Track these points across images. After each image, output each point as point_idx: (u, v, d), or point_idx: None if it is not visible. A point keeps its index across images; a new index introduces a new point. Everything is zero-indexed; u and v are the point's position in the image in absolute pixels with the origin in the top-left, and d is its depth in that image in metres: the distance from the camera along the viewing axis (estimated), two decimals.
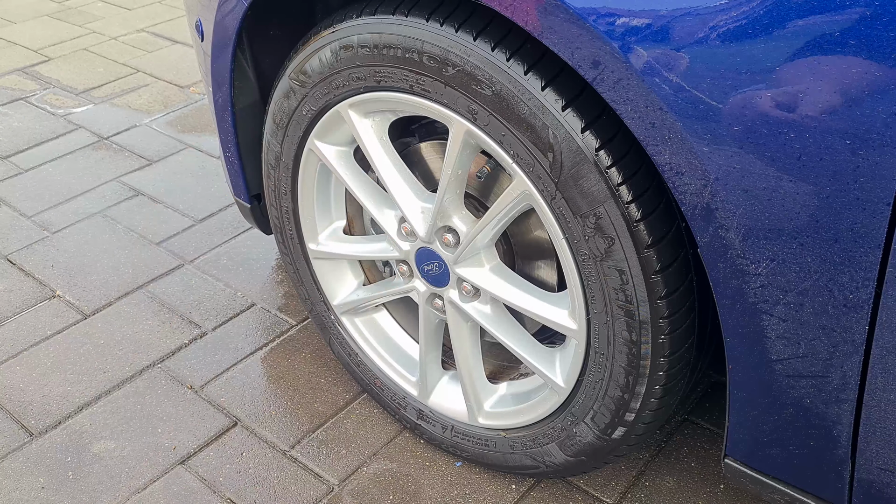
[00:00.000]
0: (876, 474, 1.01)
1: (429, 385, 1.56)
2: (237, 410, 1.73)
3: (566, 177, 1.09)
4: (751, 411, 1.09)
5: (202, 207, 2.41)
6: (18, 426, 1.71)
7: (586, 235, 1.11)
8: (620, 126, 1.04)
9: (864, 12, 0.77)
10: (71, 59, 3.41)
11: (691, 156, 0.92)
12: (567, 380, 1.30)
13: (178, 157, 2.67)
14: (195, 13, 1.57)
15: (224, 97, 1.56)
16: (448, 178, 1.25)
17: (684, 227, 1.08)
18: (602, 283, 1.14)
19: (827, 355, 0.96)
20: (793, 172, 0.86)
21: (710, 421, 1.66)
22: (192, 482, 1.57)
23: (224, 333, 1.94)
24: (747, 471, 1.16)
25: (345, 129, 1.38)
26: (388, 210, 1.43)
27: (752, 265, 0.95)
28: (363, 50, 1.23)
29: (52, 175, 2.59)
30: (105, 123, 2.88)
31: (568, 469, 1.42)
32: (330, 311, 1.67)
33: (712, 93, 0.87)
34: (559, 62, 1.04)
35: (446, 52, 1.13)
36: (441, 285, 1.41)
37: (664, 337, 1.14)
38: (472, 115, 1.15)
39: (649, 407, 1.23)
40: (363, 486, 1.56)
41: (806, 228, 0.89)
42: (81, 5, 3.97)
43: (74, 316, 2.00)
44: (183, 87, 3.14)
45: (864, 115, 0.79)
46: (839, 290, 0.90)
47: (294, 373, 1.83)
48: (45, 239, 2.29)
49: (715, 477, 1.55)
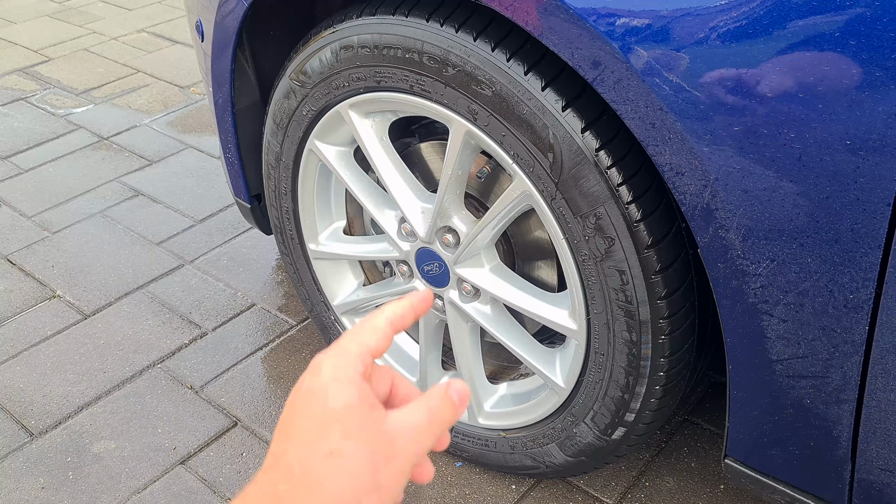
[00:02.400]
0: (876, 474, 1.01)
1: (429, 385, 1.56)
2: (237, 410, 1.73)
3: (566, 177, 1.09)
4: (751, 412, 1.09)
5: (202, 207, 2.41)
6: (18, 426, 1.70)
7: (586, 236, 1.11)
8: (620, 126, 1.04)
9: (864, 12, 0.77)
10: (71, 59, 3.41)
11: (691, 156, 0.92)
12: (567, 380, 1.30)
13: (179, 158, 2.67)
14: (195, 13, 1.57)
15: (224, 97, 1.56)
16: (448, 178, 1.25)
17: (684, 227, 1.08)
18: (602, 284, 1.14)
19: (827, 356, 0.96)
20: (793, 173, 0.86)
21: (710, 421, 1.66)
22: (192, 482, 1.57)
23: (224, 333, 1.94)
24: (747, 471, 1.15)
25: (345, 129, 1.38)
26: (388, 210, 1.43)
27: (752, 265, 0.95)
28: (363, 50, 1.23)
29: (52, 175, 2.59)
30: (105, 123, 2.88)
31: (568, 469, 1.42)
32: (330, 311, 1.67)
33: (712, 93, 0.87)
34: (559, 62, 1.04)
35: (446, 52, 1.13)
36: (441, 286, 1.41)
37: (664, 337, 1.14)
38: (473, 116, 1.15)
39: (649, 407, 1.23)
40: None
41: (806, 229, 0.89)
42: (81, 5, 3.97)
43: (74, 316, 2.00)
44: (183, 87, 3.14)
45: (864, 115, 0.79)
46: (839, 291, 0.90)
47: (294, 373, 1.83)
48: (45, 239, 2.29)
49: (715, 477, 1.55)
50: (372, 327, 0.55)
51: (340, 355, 0.52)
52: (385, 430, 0.50)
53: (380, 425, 0.50)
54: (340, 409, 0.49)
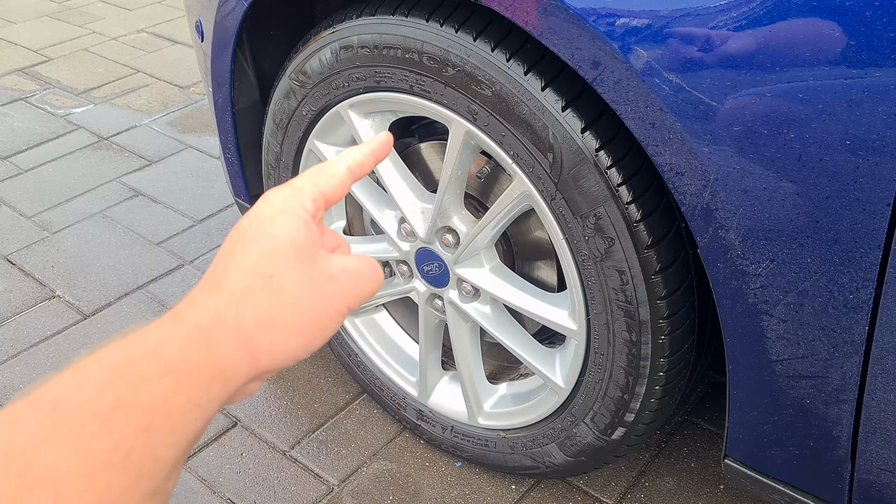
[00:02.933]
0: (876, 475, 1.01)
1: (429, 385, 1.56)
2: (237, 410, 1.73)
3: (566, 177, 1.09)
4: (751, 412, 1.09)
5: (202, 207, 2.41)
6: None
7: (586, 236, 1.11)
8: (620, 126, 1.04)
9: (864, 13, 0.77)
10: (71, 59, 3.41)
11: (691, 156, 0.92)
12: (567, 380, 1.30)
13: (178, 158, 2.67)
14: (195, 13, 1.57)
15: (224, 97, 1.56)
16: (448, 178, 1.25)
17: (684, 227, 1.08)
18: (602, 284, 1.14)
19: (827, 356, 0.96)
20: (793, 173, 0.86)
21: (710, 421, 1.66)
22: (192, 482, 1.57)
23: None
24: (747, 471, 1.15)
25: (345, 129, 1.38)
26: (388, 210, 1.43)
27: (752, 266, 0.95)
28: (363, 50, 1.23)
29: (52, 175, 2.59)
30: (105, 124, 2.88)
31: (568, 469, 1.42)
32: None
33: (712, 93, 0.87)
34: (559, 62, 1.04)
35: (446, 52, 1.13)
36: (441, 286, 1.41)
37: (664, 337, 1.14)
38: (472, 116, 1.15)
39: (649, 407, 1.23)
40: (363, 487, 1.56)
41: (806, 229, 0.89)
42: (81, 5, 3.97)
43: (74, 316, 2.00)
44: (183, 87, 3.14)
45: (863, 115, 0.79)
46: (839, 291, 0.90)
47: (294, 373, 1.83)
48: (45, 239, 2.29)
49: (715, 477, 1.55)
50: (330, 172, 0.54)
51: (293, 191, 0.52)
52: (329, 269, 0.50)
53: (324, 262, 0.50)
54: (286, 239, 0.49)
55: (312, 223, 0.51)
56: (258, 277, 0.47)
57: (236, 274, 0.47)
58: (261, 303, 0.47)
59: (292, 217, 0.50)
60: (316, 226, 0.51)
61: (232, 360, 0.45)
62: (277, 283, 0.47)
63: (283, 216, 0.50)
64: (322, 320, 0.49)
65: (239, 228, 0.50)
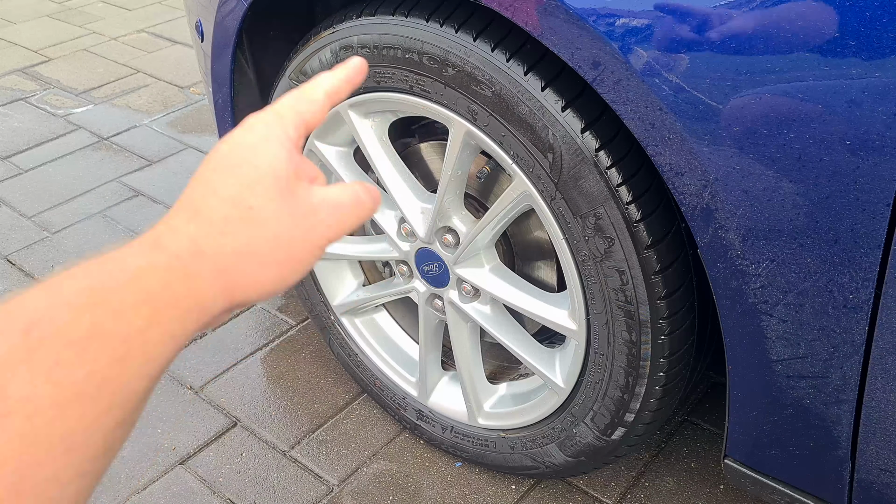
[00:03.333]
0: (876, 475, 1.01)
1: (428, 385, 1.56)
2: (237, 411, 1.73)
3: (566, 177, 1.09)
4: (751, 412, 1.09)
5: None
6: None
7: (586, 236, 1.11)
8: (620, 127, 1.04)
9: (864, 13, 0.77)
10: (71, 59, 3.41)
11: (691, 156, 0.92)
12: (567, 380, 1.30)
13: (178, 158, 2.67)
14: (195, 14, 1.57)
15: (224, 97, 1.56)
16: (448, 178, 1.25)
17: (684, 227, 1.08)
18: (602, 284, 1.14)
19: (827, 356, 0.96)
20: (793, 173, 0.86)
21: (710, 421, 1.66)
22: (192, 482, 1.57)
23: (224, 334, 1.94)
24: (747, 471, 1.15)
25: (345, 129, 1.38)
26: (387, 210, 1.43)
27: (752, 266, 0.95)
28: (363, 50, 1.23)
29: (52, 175, 2.59)
30: (105, 124, 2.88)
31: (568, 469, 1.42)
32: (330, 311, 1.67)
33: (712, 93, 0.87)
34: (559, 63, 1.04)
35: (446, 52, 1.13)
36: (441, 286, 1.41)
37: (664, 337, 1.14)
38: (472, 116, 1.15)
39: (649, 407, 1.23)
40: (363, 487, 1.56)
41: (806, 229, 0.89)
42: (81, 5, 3.97)
43: None
44: (183, 87, 3.14)
45: (863, 115, 0.79)
46: (839, 291, 0.90)
47: (294, 373, 1.83)
48: (45, 239, 2.29)
49: (715, 477, 1.55)
50: (309, 99, 0.53)
51: (274, 118, 0.51)
52: (309, 199, 0.49)
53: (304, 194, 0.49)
54: (268, 169, 0.48)
55: (295, 152, 0.50)
56: (238, 208, 0.46)
57: (216, 203, 0.46)
58: (240, 235, 0.46)
59: (276, 145, 0.49)
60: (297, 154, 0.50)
61: (209, 293, 0.44)
62: (257, 214, 0.46)
63: (265, 144, 0.49)
64: (301, 255, 0.48)
65: (219, 152, 0.49)
